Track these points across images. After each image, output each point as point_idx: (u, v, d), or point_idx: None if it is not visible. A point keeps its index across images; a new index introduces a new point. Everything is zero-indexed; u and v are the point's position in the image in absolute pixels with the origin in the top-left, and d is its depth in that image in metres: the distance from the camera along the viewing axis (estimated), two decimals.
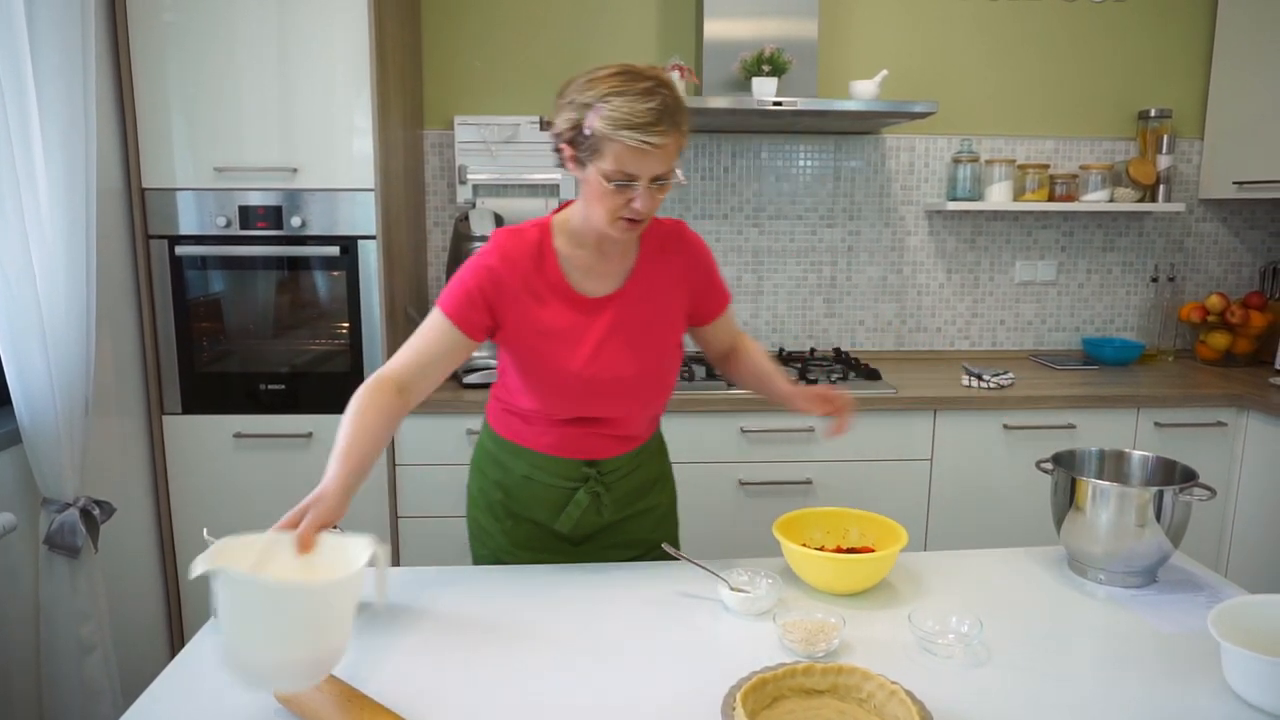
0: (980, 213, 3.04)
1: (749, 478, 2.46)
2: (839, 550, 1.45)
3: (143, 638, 2.36)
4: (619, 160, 1.26)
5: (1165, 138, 2.91)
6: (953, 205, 2.86)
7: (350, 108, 2.30)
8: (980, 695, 1.10)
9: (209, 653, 1.20)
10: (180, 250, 2.33)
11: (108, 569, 2.10)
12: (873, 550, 1.43)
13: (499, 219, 2.57)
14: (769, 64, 2.54)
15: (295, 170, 2.32)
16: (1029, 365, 2.93)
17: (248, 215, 2.33)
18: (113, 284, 2.25)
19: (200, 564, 0.94)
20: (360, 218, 2.35)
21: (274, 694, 1.06)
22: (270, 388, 2.42)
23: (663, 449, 1.66)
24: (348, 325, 2.42)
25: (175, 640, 2.49)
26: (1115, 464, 1.55)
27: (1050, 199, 2.93)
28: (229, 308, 2.43)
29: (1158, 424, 2.53)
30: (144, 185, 2.31)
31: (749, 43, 2.62)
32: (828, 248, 3.03)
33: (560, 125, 1.31)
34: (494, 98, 2.87)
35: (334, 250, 2.36)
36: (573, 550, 1.56)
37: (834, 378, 2.57)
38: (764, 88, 2.51)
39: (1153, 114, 2.96)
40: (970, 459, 2.51)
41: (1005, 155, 3.00)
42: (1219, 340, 2.93)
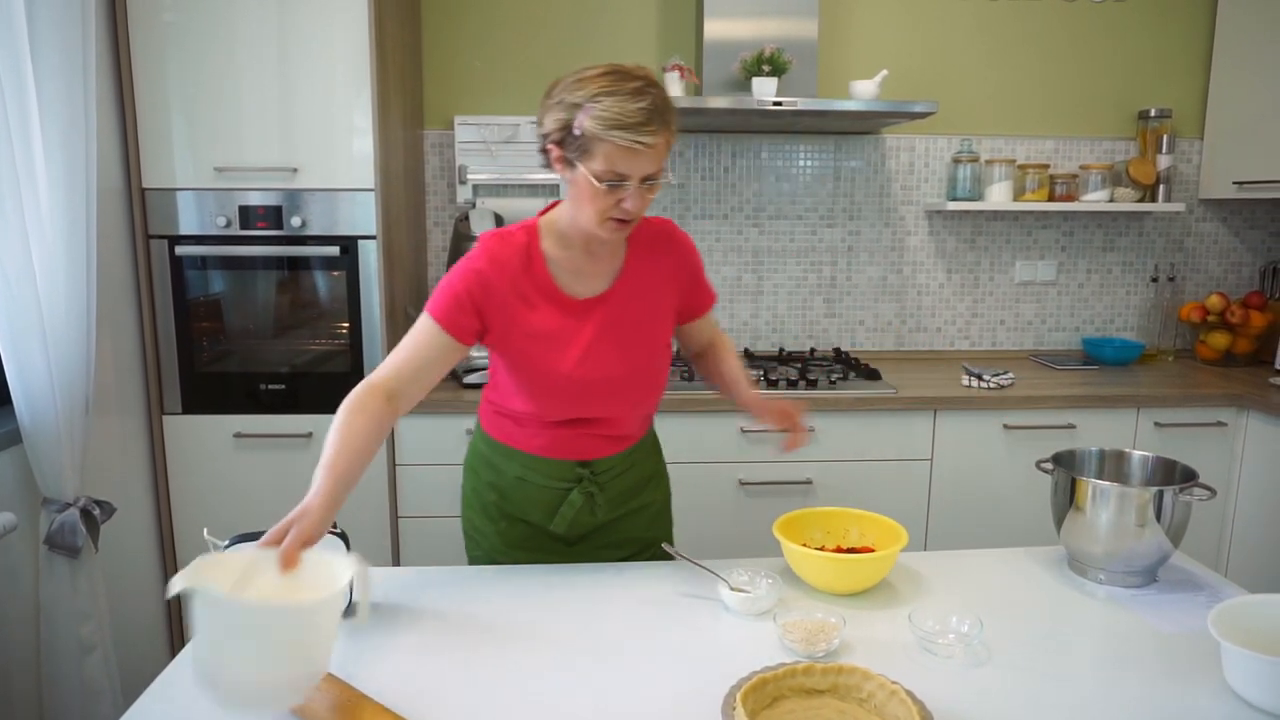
0: (980, 213, 3.04)
1: (749, 478, 2.46)
2: (839, 550, 1.45)
3: (143, 638, 2.36)
4: (610, 160, 1.25)
5: (1165, 138, 2.91)
6: (953, 205, 2.86)
7: (350, 108, 2.30)
8: (980, 695, 1.10)
9: None
10: (180, 250, 2.33)
11: (108, 569, 2.10)
12: (873, 550, 1.44)
13: (499, 219, 2.57)
14: (769, 64, 2.54)
15: (295, 170, 2.32)
16: (1029, 365, 2.93)
17: (248, 215, 2.33)
18: (113, 284, 2.25)
19: (178, 582, 0.91)
20: (360, 218, 2.35)
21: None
22: (270, 388, 2.42)
23: (656, 447, 1.65)
24: (348, 325, 2.42)
25: (175, 640, 2.49)
26: (1115, 464, 1.55)
27: (1050, 199, 2.93)
28: (229, 308, 2.43)
29: (1158, 424, 2.53)
30: (144, 185, 2.31)
31: (749, 43, 2.62)
32: (828, 248, 3.03)
33: (548, 126, 1.29)
34: (494, 98, 2.87)
35: (334, 250, 2.36)
36: (567, 550, 1.55)
37: (834, 378, 2.57)
38: (764, 88, 2.51)
39: (1153, 114, 2.96)
40: (970, 459, 2.51)
41: (1005, 155, 3.00)
42: (1219, 340, 2.93)
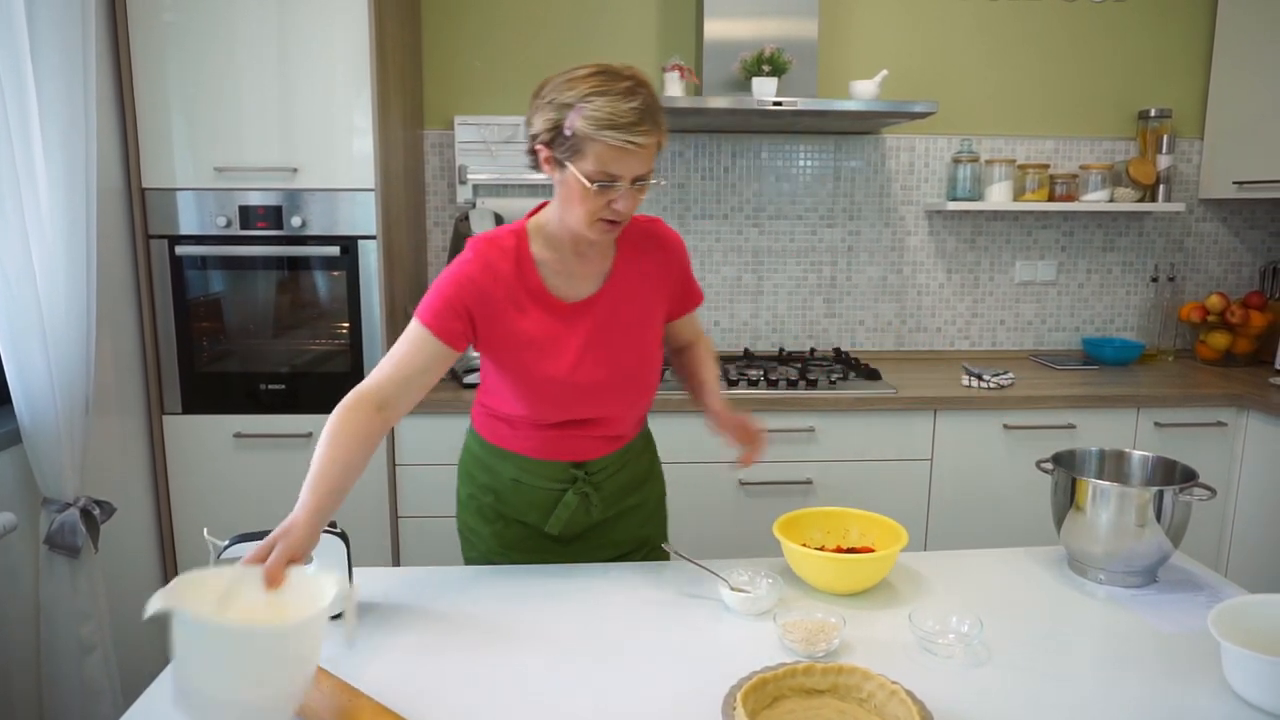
0: (980, 213, 3.04)
1: (749, 478, 2.46)
2: (839, 550, 1.45)
3: (143, 638, 2.36)
4: (601, 160, 1.24)
5: (1165, 138, 2.91)
6: (953, 205, 2.86)
7: (350, 108, 2.30)
8: (980, 695, 1.10)
9: None
10: (180, 250, 2.33)
11: (108, 569, 2.10)
12: (873, 550, 1.44)
13: (499, 219, 2.57)
14: (769, 64, 2.54)
15: (295, 170, 2.32)
16: (1029, 365, 2.93)
17: (248, 215, 2.33)
18: (113, 284, 2.25)
19: (156, 602, 0.89)
20: (360, 218, 2.35)
21: None
22: (270, 388, 2.42)
23: (650, 445, 1.65)
24: (348, 325, 2.42)
25: None
26: (1115, 464, 1.55)
27: (1050, 199, 2.93)
28: (229, 308, 2.43)
29: (1158, 424, 2.53)
30: (144, 185, 2.31)
31: (749, 43, 2.62)
32: (828, 248, 3.03)
33: (538, 126, 1.29)
34: (494, 98, 2.87)
35: (334, 250, 2.36)
36: (562, 550, 1.55)
37: (834, 378, 2.57)
38: (764, 88, 2.51)
39: (1153, 114, 2.96)
40: (970, 459, 2.51)
41: (1005, 155, 3.00)
42: (1219, 340, 2.93)
